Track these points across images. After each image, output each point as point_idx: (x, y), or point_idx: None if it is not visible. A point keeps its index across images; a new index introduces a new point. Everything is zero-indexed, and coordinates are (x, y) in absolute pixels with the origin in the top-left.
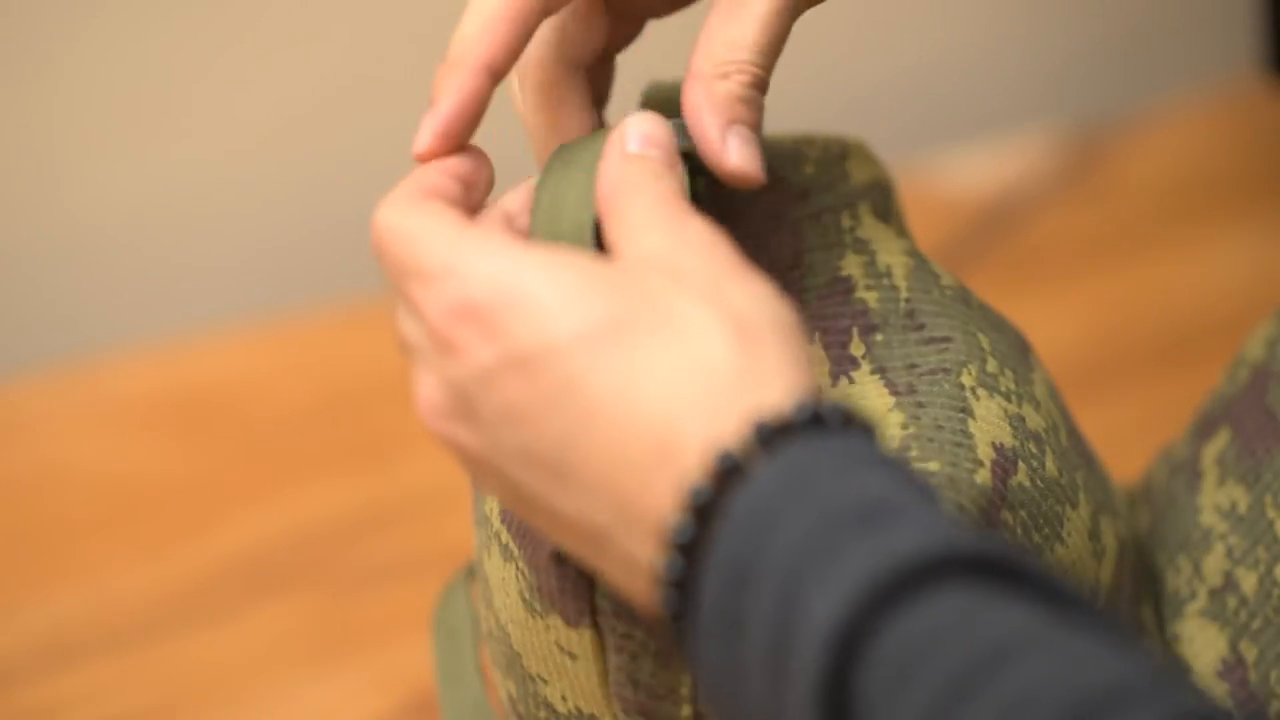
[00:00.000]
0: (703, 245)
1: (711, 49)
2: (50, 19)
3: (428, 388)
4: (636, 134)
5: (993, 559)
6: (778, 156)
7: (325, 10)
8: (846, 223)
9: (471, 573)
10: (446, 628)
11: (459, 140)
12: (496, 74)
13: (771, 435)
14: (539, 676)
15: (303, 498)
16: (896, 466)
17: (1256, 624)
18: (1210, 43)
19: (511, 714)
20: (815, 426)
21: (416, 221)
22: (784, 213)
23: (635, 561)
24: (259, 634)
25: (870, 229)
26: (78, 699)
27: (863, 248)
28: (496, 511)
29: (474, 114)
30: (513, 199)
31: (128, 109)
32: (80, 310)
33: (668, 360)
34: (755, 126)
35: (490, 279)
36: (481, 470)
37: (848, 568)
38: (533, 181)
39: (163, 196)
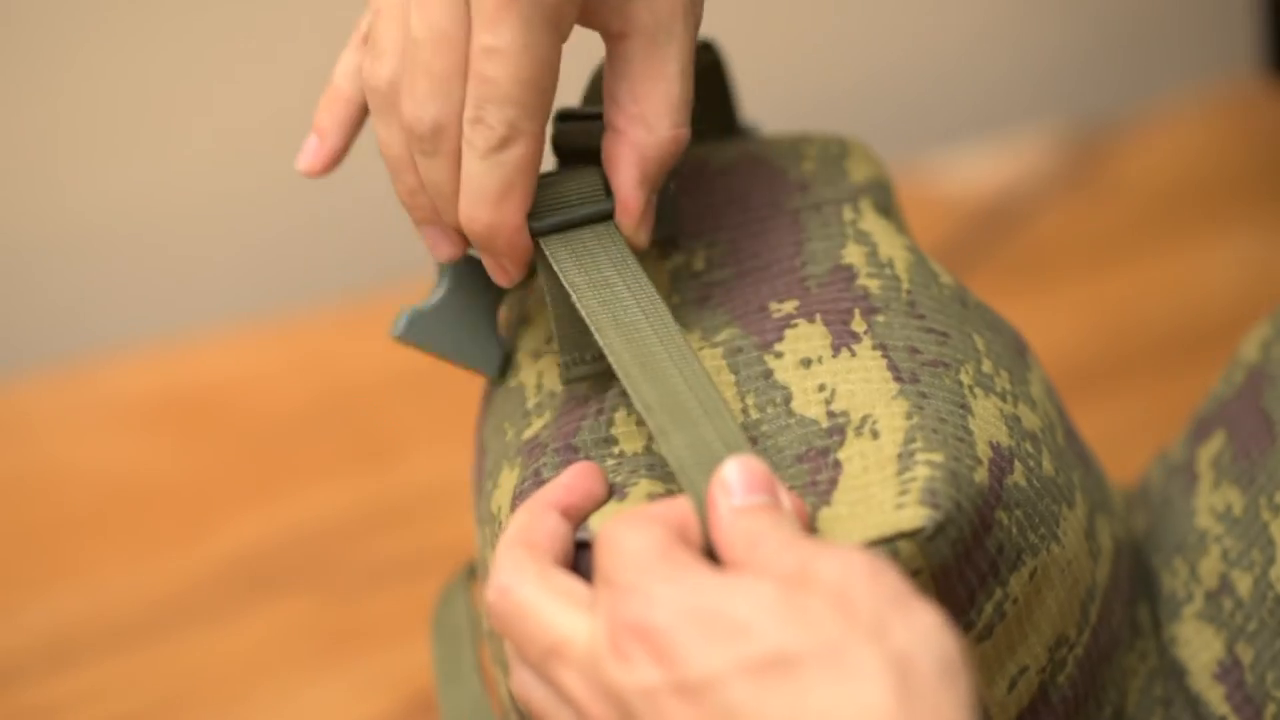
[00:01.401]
0: (870, 574)
1: (640, 110)
2: (51, 19)
3: (583, 698)
4: (740, 484)
5: None
6: (777, 153)
7: (329, 8)
8: (848, 215)
9: (472, 573)
10: (446, 628)
11: (338, 162)
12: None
13: None
14: None
15: (303, 498)
16: None
17: (1252, 626)
18: (1210, 43)
19: (511, 712)
20: None
21: (621, 539)
22: (783, 202)
23: None
24: (259, 634)
25: (871, 223)
26: (78, 699)
27: (865, 239)
28: (505, 509)
29: (352, 139)
30: (673, 510)
31: (128, 109)
32: (81, 309)
33: (830, 702)
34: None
35: (675, 603)
36: None
37: None
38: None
39: (163, 196)
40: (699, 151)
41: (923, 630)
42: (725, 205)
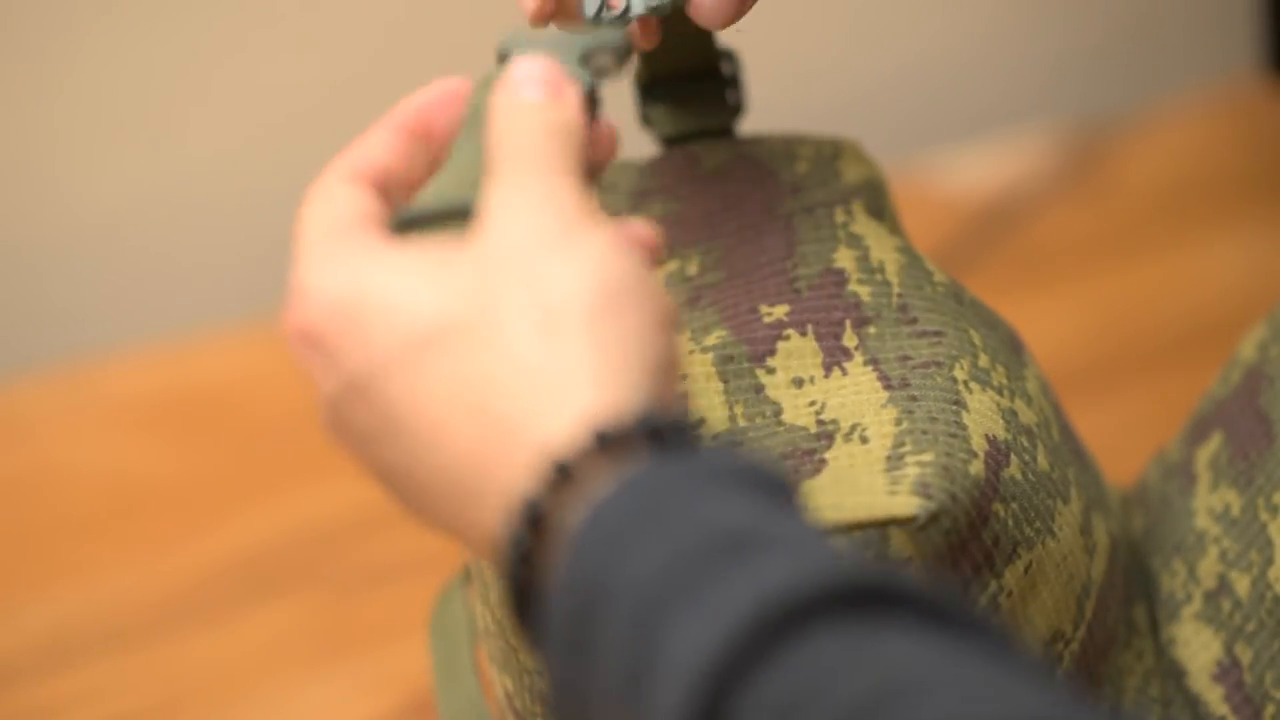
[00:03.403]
0: (543, 206)
1: None
2: (50, 19)
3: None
4: (522, 77)
5: (876, 587)
6: (770, 154)
7: (326, 10)
8: (840, 218)
9: (468, 576)
10: (443, 628)
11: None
12: None
13: (610, 443)
14: (536, 670)
15: (303, 498)
16: (755, 481)
17: (1251, 626)
18: (1210, 43)
19: (508, 711)
20: (655, 437)
21: (307, 215)
22: (776, 206)
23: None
24: (259, 634)
25: (863, 225)
26: (78, 699)
27: (856, 243)
28: None
29: None
30: (366, 153)
31: (128, 109)
32: (80, 310)
33: (483, 366)
34: None
35: (327, 299)
36: (363, 461)
37: (716, 604)
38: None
39: (162, 196)
40: (692, 152)
41: (578, 268)
42: (719, 211)
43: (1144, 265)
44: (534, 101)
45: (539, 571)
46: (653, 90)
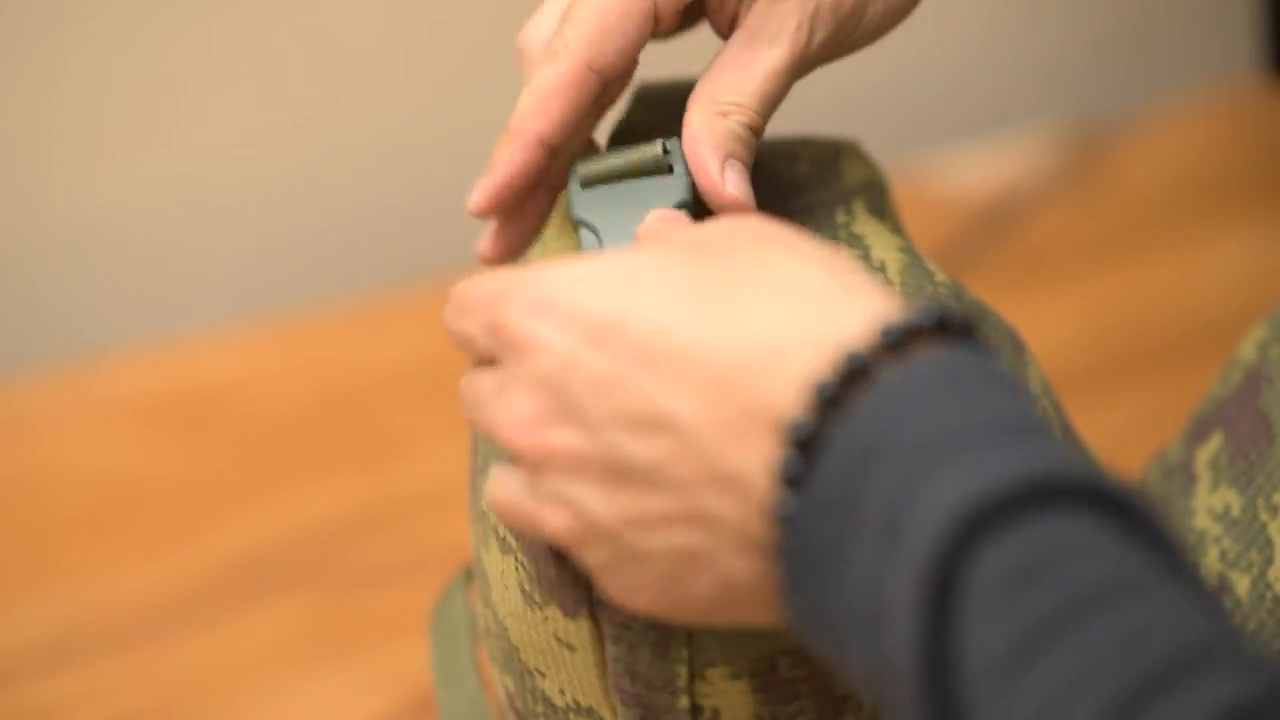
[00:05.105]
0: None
1: (713, 90)
2: (51, 21)
3: (517, 404)
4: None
5: (1127, 500)
6: (772, 155)
7: (326, 13)
8: (841, 218)
9: (469, 575)
10: (444, 628)
11: (506, 205)
12: (549, 146)
13: (900, 339)
14: (537, 670)
15: (303, 498)
16: (1029, 398)
17: (1250, 626)
18: (1210, 43)
19: (509, 711)
20: (945, 334)
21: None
22: (777, 206)
23: (745, 484)
24: (259, 634)
25: (864, 225)
26: (78, 699)
27: (857, 243)
28: None
29: (525, 181)
30: None
31: (128, 110)
32: (80, 310)
33: (762, 294)
34: (747, 165)
35: (557, 275)
36: (585, 468)
37: (987, 463)
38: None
39: (163, 197)
40: None
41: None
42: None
43: (1144, 265)
44: None
45: (812, 458)
46: None
